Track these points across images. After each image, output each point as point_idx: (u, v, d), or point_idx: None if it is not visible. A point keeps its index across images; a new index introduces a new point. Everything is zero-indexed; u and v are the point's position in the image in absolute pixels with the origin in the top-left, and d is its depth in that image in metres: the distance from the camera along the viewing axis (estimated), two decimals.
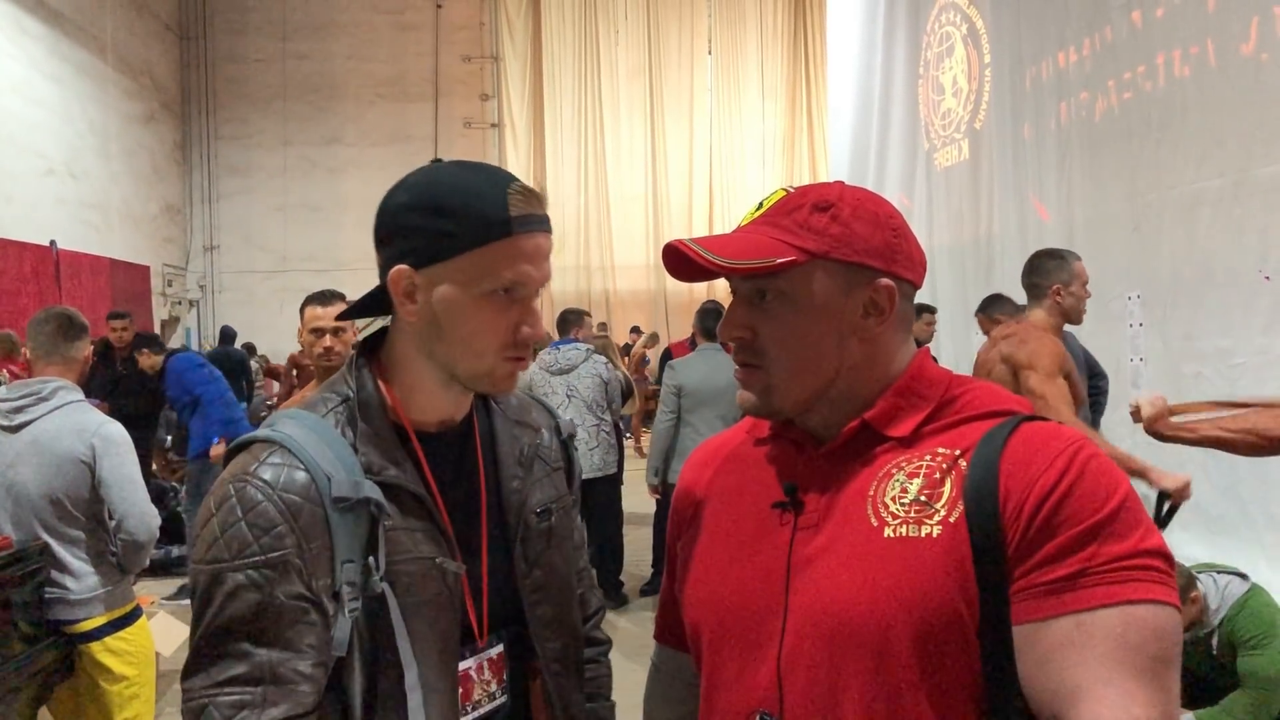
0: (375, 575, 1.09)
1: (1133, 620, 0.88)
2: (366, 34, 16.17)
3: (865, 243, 1.06)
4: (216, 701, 1.03)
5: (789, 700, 1.01)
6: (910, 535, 0.97)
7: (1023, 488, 0.94)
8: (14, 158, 10.62)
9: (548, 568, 1.28)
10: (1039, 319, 3.58)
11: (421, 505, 1.16)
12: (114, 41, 13.06)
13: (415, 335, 1.17)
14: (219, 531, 1.07)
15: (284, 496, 1.08)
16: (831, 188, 1.11)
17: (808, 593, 1.01)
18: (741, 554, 1.10)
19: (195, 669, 1.05)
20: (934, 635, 0.94)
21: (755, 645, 1.05)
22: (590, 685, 1.42)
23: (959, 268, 8.96)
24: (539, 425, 1.38)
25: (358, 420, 1.16)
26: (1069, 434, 0.99)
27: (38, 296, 10.50)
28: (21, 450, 2.82)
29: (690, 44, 17.35)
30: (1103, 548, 0.90)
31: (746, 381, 1.10)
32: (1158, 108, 5.69)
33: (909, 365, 1.10)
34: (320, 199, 15.27)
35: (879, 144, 10.78)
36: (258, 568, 1.05)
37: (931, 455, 1.01)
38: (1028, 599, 0.92)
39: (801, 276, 1.05)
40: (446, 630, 1.16)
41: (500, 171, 1.16)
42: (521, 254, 1.13)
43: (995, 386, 1.12)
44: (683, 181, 17.42)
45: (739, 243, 1.06)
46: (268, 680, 1.05)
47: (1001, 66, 7.98)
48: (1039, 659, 0.91)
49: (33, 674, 2.79)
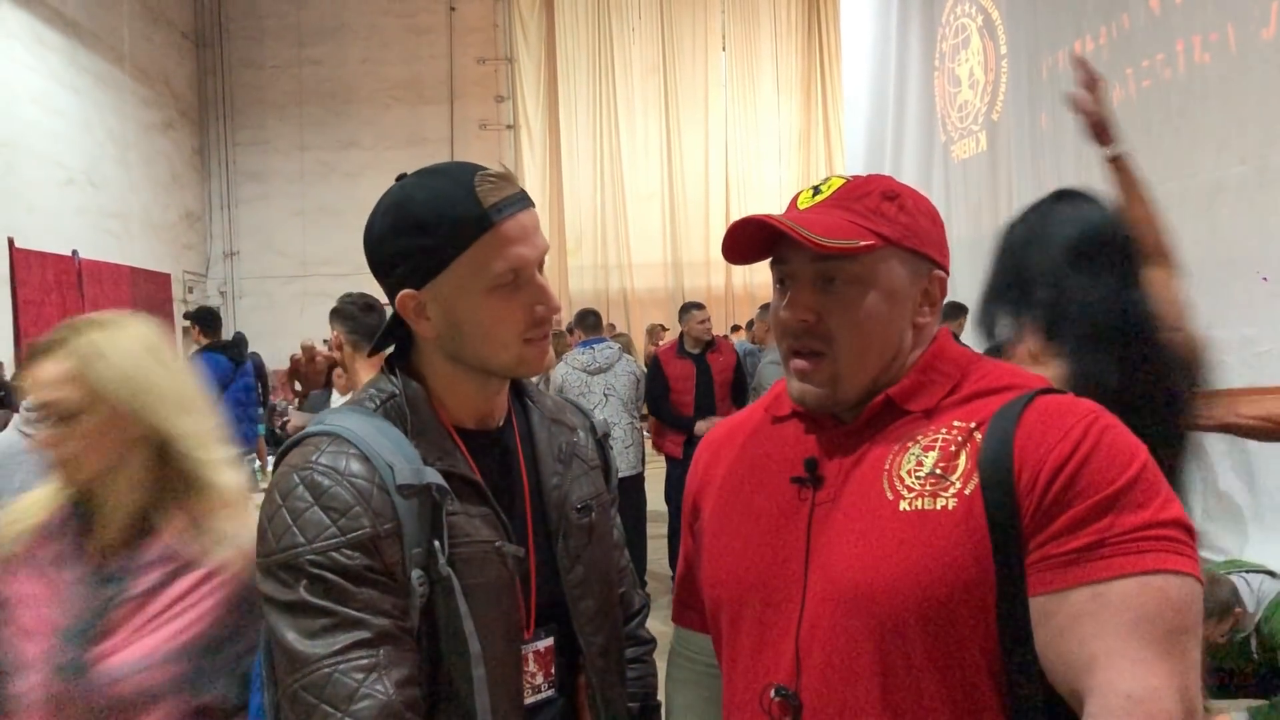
0: (441, 559, 1.10)
1: (1150, 591, 0.88)
2: (380, 37, 16.21)
3: (928, 234, 1.08)
4: (340, 669, 1.03)
5: (807, 674, 1.01)
6: (926, 508, 0.97)
7: (1037, 459, 0.94)
8: (35, 168, 10.70)
9: (589, 563, 1.29)
10: None
11: (478, 492, 1.17)
12: (131, 51, 13.15)
13: (438, 345, 1.20)
14: (290, 519, 1.07)
15: (352, 481, 1.09)
16: (888, 179, 1.11)
17: (825, 567, 1.02)
18: (761, 530, 1.10)
19: (304, 643, 1.04)
20: (949, 607, 0.94)
21: (775, 620, 1.06)
22: (636, 685, 1.42)
23: (978, 261, 8.92)
24: (575, 425, 1.39)
25: (407, 414, 1.18)
26: (1085, 405, 0.98)
27: (61, 306, 10.58)
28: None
29: (704, 40, 17.31)
30: (1120, 518, 0.90)
31: (810, 373, 1.07)
32: (1177, 95, 5.65)
33: (931, 344, 1.10)
34: (338, 203, 15.31)
35: (895, 137, 10.73)
36: (339, 549, 1.06)
37: (947, 429, 1.01)
38: (1044, 570, 0.92)
39: (877, 262, 1.04)
40: (508, 612, 1.17)
41: (463, 167, 1.17)
42: (509, 239, 1.14)
43: (1013, 365, 1.11)
44: (699, 179, 17.38)
45: (819, 223, 1.04)
46: (385, 641, 1.06)
47: (1018, 57, 7.93)
48: (1056, 630, 0.91)
49: None
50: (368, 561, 1.07)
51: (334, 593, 1.05)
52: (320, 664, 1.04)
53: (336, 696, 1.02)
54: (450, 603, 1.10)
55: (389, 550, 1.09)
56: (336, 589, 1.05)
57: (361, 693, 1.03)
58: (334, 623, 1.05)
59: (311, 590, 1.05)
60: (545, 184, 16.86)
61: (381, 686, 1.03)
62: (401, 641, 1.08)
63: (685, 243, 16.94)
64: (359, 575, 1.06)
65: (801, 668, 1.01)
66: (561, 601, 1.26)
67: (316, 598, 1.05)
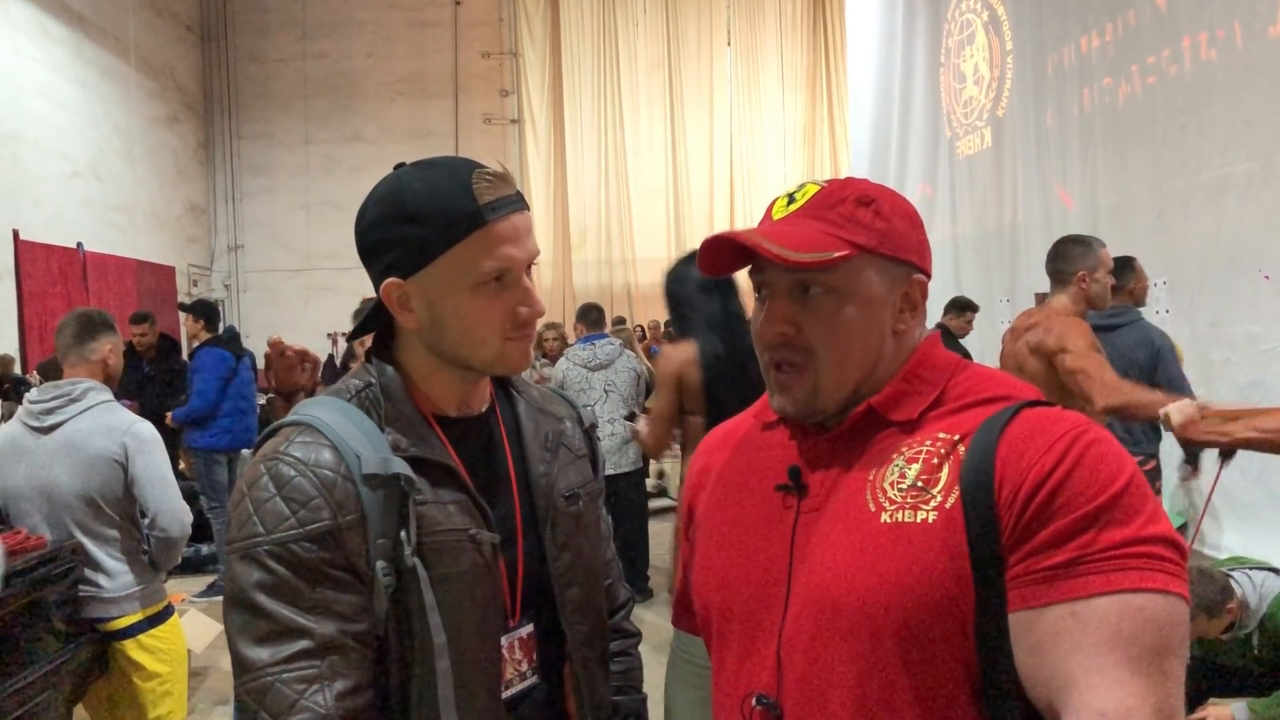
0: (407, 549, 1.10)
1: (1129, 610, 0.87)
2: (385, 32, 16.21)
3: (904, 239, 1.06)
4: (283, 679, 1.04)
5: (787, 683, 1.01)
6: (906, 521, 0.96)
7: (1019, 473, 0.93)
8: (40, 161, 10.72)
9: (576, 551, 1.30)
10: (1062, 305, 3.54)
11: (453, 478, 1.17)
12: (136, 44, 13.15)
13: (420, 336, 1.20)
14: (252, 509, 1.08)
15: (317, 472, 1.09)
16: (863, 183, 1.10)
17: (807, 577, 1.01)
18: (748, 538, 1.10)
19: (251, 648, 1.05)
20: (927, 621, 0.93)
21: (758, 628, 1.05)
22: (621, 678, 1.43)
23: (983, 257, 8.91)
24: (562, 415, 1.40)
25: (382, 402, 1.18)
26: (1072, 419, 0.97)
27: (65, 298, 10.60)
28: (54, 451, 2.85)
29: (709, 36, 17.29)
30: (1101, 534, 0.89)
31: (788, 385, 1.07)
32: (1183, 92, 5.64)
33: (915, 350, 1.09)
34: (343, 197, 15.29)
35: (900, 133, 10.72)
36: (297, 540, 1.06)
37: (932, 440, 1.00)
38: (1023, 586, 0.91)
39: (853, 271, 1.03)
40: (485, 601, 1.17)
41: (462, 163, 1.17)
42: (500, 239, 1.14)
43: (1001, 373, 1.11)
44: (703, 174, 17.36)
45: (790, 235, 1.03)
46: (330, 651, 1.06)
47: (1023, 53, 7.92)
48: (1034, 646, 0.90)
49: (68, 672, 2.83)
50: (326, 555, 1.07)
51: (286, 594, 1.05)
52: (263, 672, 1.04)
53: (276, 707, 1.03)
54: (418, 594, 1.10)
55: (351, 542, 1.09)
56: (289, 588, 1.06)
57: (300, 704, 1.03)
58: (281, 629, 1.05)
59: (264, 590, 1.05)
60: (549, 179, 16.85)
61: (321, 699, 1.04)
62: (349, 650, 1.07)
63: (689, 238, 16.88)
64: (315, 571, 1.07)
65: (783, 677, 1.01)
66: (547, 589, 1.26)
67: (269, 598, 1.05)
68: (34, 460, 2.87)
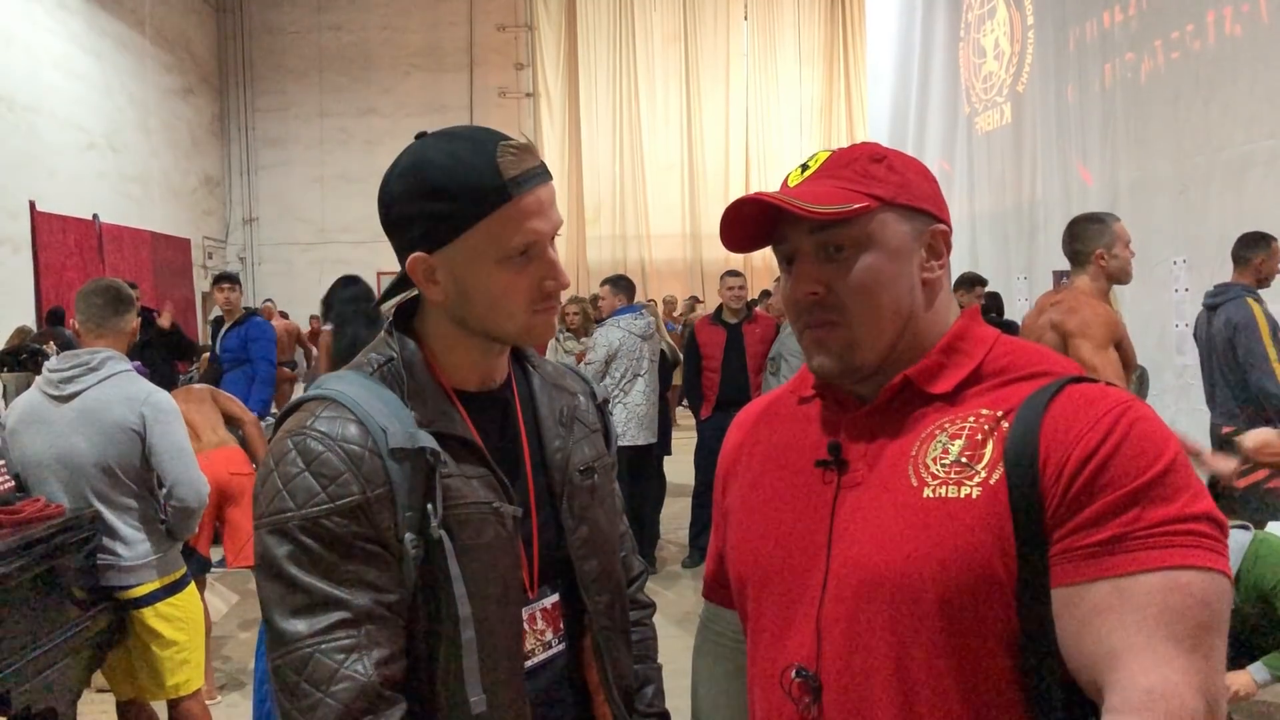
0: (433, 521, 1.11)
1: (1175, 586, 0.87)
2: (401, 4, 16.14)
3: (920, 189, 1.08)
4: (322, 649, 1.06)
5: (826, 656, 1.01)
6: (949, 496, 0.96)
7: (1063, 450, 0.93)
8: (56, 132, 10.75)
9: (593, 524, 1.31)
10: (1084, 285, 3.53)
11: (475, 453, 1.18)
12: (152, 15, 13.14)
13: (445, 309, 1.20)
14: (281, 484, 1.09)
15: (344, 446, 1.10)
16: (873, 144, 1.11)
17: (848, 551, 1.02)
18: (786, 511, 1.10)
19: (288, 620, 1.07)
20: (970, 596, 0.93)
21: (797, 601, 1.06)
22: (637, 647, 1.44)
23: (1001, 234, 8.86)
24: (575, 390, 1.41)
25: (404, 377, 1.18)
26: (1116, 395, 0.97)
27: (82, 269, 10.66)
28: (73, 420, 2.87)
29: (726, 9, 17.15)
30: (1146, 512, 0.89)
31: (825, 341, 1.07)
32: (1206, 67, 5.57)
33: (955, 323, 1.10)
34: (358, 170, 15.30)
35: (919, 109, 10.64)
36: (328, 515, 1.07)
37: (975, 416, 1.01)
38: (1067, 562, 0.91)
39: (876, 223, 1.04)
40: (507, 573, 1.18)
41: (486, 134, 1.17)
42: (526, 213, 1.14)
43: (1044, 348, 1.10)
44: (719, 149, 17.28)
45: (810, 194, 1.04)
46: (367, 621, 1.08)
47: (1044, 28, 7.84)
48: (1078, 622, 0.90)
49: (87, 639, 2.85)
50: (357, 529, 1.08)
51: (320, 566, 1.07)
52: (302, 643, 1.06)
53: (317, 676, 1.05)
54: (444, 566, 1.11)
55: (381, 515, 1.10)
56: (323, 562, 1.07)
57: (341, 674, 1.05)
58: (318, 600, 1.06)
59: (298, 564, 1.06)
60: (564, 153, 16.80)
61: (361, 667, 1.05)
62: (384, 619, 1.09)
63: (704, 214, 16.85)
64: (347, 545, 1.08)
65: (822, 649, 1.02)
66: (565, 561, 1.27)
67: (303, 572, 1.06)
68: (52, 429, 2.88)
